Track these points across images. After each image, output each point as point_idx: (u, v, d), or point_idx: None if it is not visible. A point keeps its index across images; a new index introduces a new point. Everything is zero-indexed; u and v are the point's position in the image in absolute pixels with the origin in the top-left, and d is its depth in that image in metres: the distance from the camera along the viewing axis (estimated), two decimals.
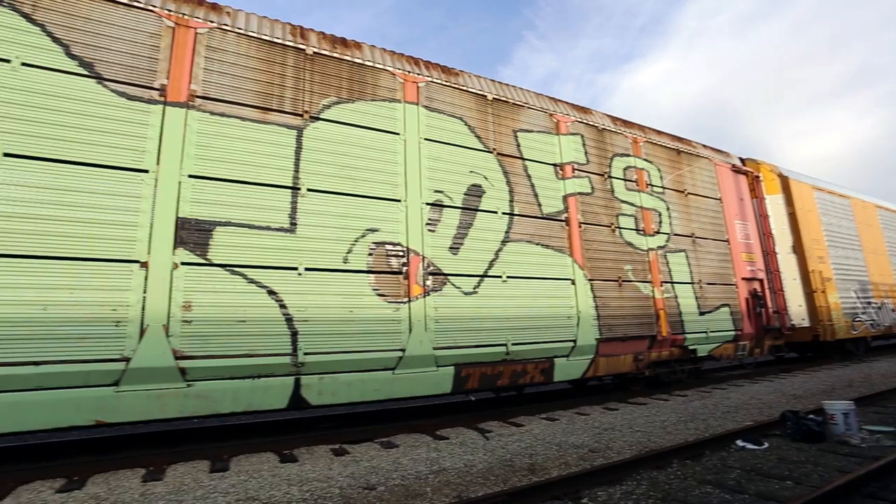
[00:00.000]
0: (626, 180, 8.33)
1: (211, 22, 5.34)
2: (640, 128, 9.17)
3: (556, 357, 6.68)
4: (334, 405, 5.18)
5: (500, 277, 6.42)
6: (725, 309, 8.93)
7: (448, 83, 6.79)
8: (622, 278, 7.63)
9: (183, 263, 4.60)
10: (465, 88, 6.93)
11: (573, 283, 7.07)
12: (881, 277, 13.41)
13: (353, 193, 5.62)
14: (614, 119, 8.83)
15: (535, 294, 6.66)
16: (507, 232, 6.66)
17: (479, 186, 6.61)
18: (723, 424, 5.59)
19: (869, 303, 12.55)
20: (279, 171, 5.26)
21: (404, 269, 5.73)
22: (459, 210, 6.35)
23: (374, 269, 5.54)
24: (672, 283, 8.27)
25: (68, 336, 4.10)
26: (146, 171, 4.64)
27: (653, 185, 8.70)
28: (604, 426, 5.70)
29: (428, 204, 6.11)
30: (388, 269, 5.63)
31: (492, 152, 6.88)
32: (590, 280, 7.24)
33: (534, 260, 6.80)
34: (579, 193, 7.60)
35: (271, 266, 4.98)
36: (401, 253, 5.76)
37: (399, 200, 5.91)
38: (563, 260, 7.09)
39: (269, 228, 5.06)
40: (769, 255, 10.35)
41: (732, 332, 8.88)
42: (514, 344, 6.25)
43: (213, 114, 5.08)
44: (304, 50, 5.79)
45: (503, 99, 7.27)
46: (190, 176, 4.80)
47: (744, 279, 9.55)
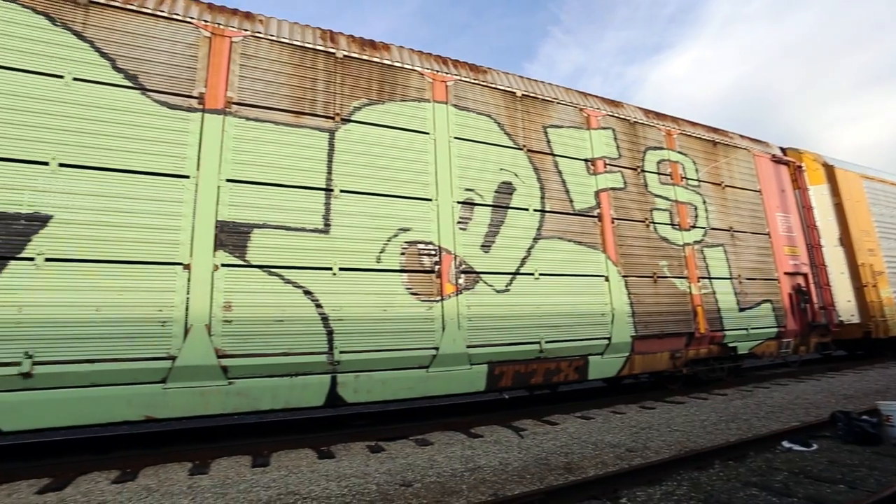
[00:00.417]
0: (659, 174, 8.13)
1: (245, 30, 5.50)
2: (674, 120, 8.93)
3: (591, 355, 6.59)
4: (369, 403, 5.26)
5: (533, 275, 6.37)
6: (767, 305, 8.60)
7: (476, 81, 6.78)
8: (657, 274, 7.45)
9: (223, 265, 4.76)
10: (493, 86, 6.90)
11: (607, 279, 6.95)
12: None
13: (385, 193, 5.69)
14: (646, 112, 8.62)
15: (567, 291, 6.58)
16: (538, 229, 6.61)
17: (510, 184, 6.58)
18: (767, 425, 5.39)
19: None
20: (312, 174, 5.37)
21: (436, 267, 5.76)
22: (490, 208, 6.33)
23: (406, 268, 5.59)
24: (710, 278, 8.03)
25: (119, 336, 4.31)
26: (187, 177, 4.82)
27: (688, 179, 8.45)
28: (641, 425, 5.59)
29: (459, 202, 6.12)
30: (421, 268, 5.67)
31: (522, 149, 6.83)
32: (624, 276, 7.11)
33: (566, 257, 6.71)
34: (611, 189, 7.46)
35: (307, 266, 5.10)
36: (433, 252, 5.80)
37: (430, 199, 5.94)
38: (595, 256, 6.98)
39: (303, 230, 5.18)
40: (814, 248, 9.90)
41: (775, 329, 8.55)
42: (547, 342, 6.20)
43: (248, 119, 5.23)
44: (334, 53, 5.89)
45: (532, 95, 7.21)
46: (228, 180, 4.97)
47: (786, 274, 9.16)
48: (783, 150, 10.86)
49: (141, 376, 4.35)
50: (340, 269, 5.23)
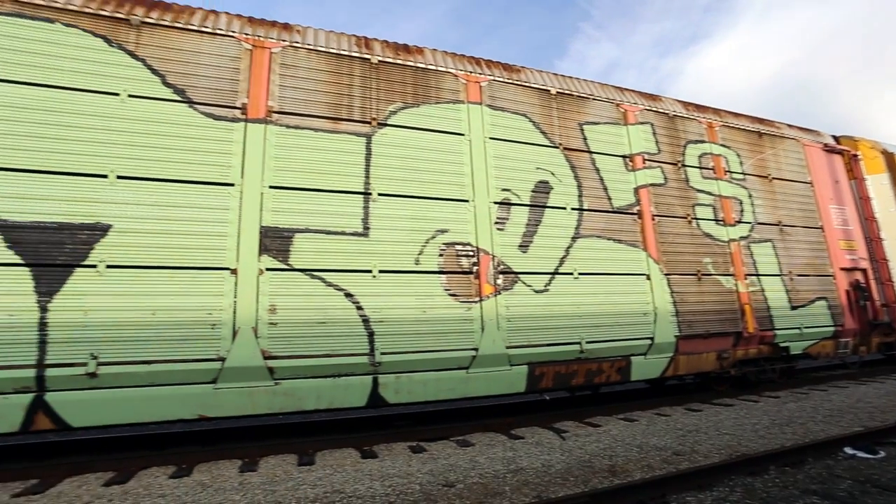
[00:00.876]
0: (701, 168, 7.85)
1: (283, 41, 5.67)
2: (715, 111, 8.60)
3: (633, 355, 6.43)
4: (410, 403, 5.31)
5: (572, 274, 6.28)
6: (822, 302, 8.15)
7: (510, 80, 6.75)
8: (701, 272, 7.20)
9: (267, 269, 4.92)
10: (527, 84, 6.85)
11: (648, 278, 6.77)
12: None
13: (422, 196, 5.74)
14: (686, 104, 8.35)
15: (608, 290, 6.45)
16: (576, 228, 6.51)
17: (547, 183, 6.51)
18: (825, 430, 5.12)
19: None
20: (351, 178, 5.48)
21: (475, 268, 5.76)
22: (527, 207, 6.28)
23: (445, 269, 5.62)
24: (758, 275, 7.69)
25: (173, 338, 4.52)
26: (232, 185, 5.02)
27: (732, 172, 8.13)
28: (687, 428, 5.42)
29: (496, 203, 6.10)
30: (459, 269, 5.69)
31: (558, 147, 6.75)
32: (666, 274, 6.90)
33: (606, 255, 6.58)
34: (651, 185, 7.27)
35: (347, 269, 5.20)
36: (471, 252, 5.81)
37: (467, 200, 5.95)
38: (636, 255, 6.81)
39: (343, 233, 5.29)
40: (874, 241, 9.32)
41: (831, 328, 8.10)
42: (588, 342, 6.10)
43: (288, 127, 5.39)
44: (369, 59, 5.99)
45: (567, 92, 7.10)
46: (270, 187, 5.13)
47: (843, 269, 8.67)
48: (836, 138, 10.28)
49: (194, 377, 4.55)
50: (380, 271, 5.31)
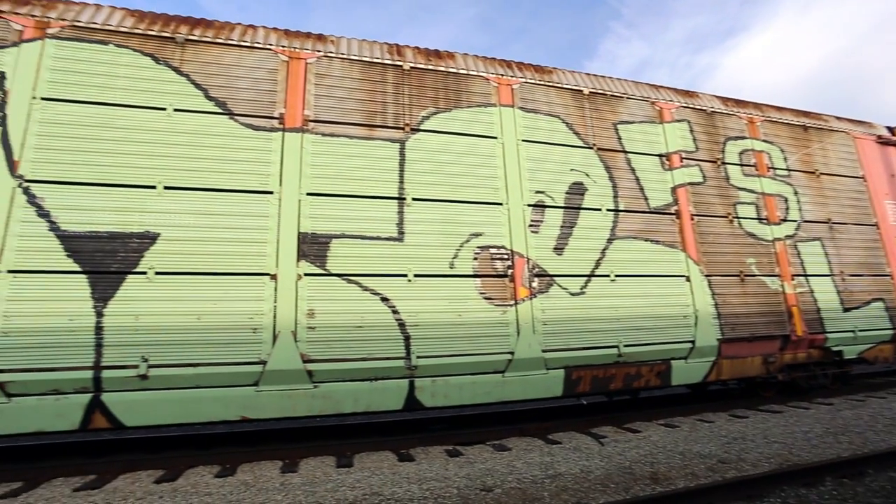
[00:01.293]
0: (742, 165, 7.58)
1: (318, 51, 5.81)
2: (756, 106, 8.29)
3: (673, 359, 6.25)
4: (446, 407, 5.32)
5: (608, 276, 6.16)
6: (879, 304, 7.71)
7: (542, 82, 6.70)
8: (744, 273, 6.94)
9: (305, 274, 5.04)
10: (559, 85, 6.78)
11: (688, 279, 6.57)
12: None
13: (456, 200, 5.76)
14: (724, 100, 8.08)
15: (646, 293, 6.30)
16: (612, 229, 6.39)
17: (581, 184, 6.42)
18: (886, 439, 4.84)
19: None
20: (385, 183, 5.56)
21: (509, 271, 5.74)
22: (562, 209, 6.21)
23: (479, 272, 5.62)
24: (806, 275, 7.34)
25: (217, 342, 4.69)
26: (271, 193, 5.17)
27: (775, 168, 7.81)
28: (732, 435, 5.22)
29: (529, 205, 6.06)
30: (494, 273, 5.67)
31: (592, 148, 6.65)
32: (707, 276, 6.69)
33: (643, 257, 6.43)
34: (689, 184, 7.06)
35: (383, 274, 5.27)
36: (505, 256, 5.78)
37: (501, 204, 5.93)
38: (675, 255, 6.62)
39: (379, 238, 5.37)
40: None
41: (890, 331, 7.64)
42: (626, 345, 5.96)
43: (324, 135, 5.52)
44: (401, 66, 6.07)
45: (600, 92, 7.00)
46: (308, 194, 5.26)
47: None
48: (891, 129, 9.73)
49: (236, 379, 4.70)
50: (415, 275, 5.35)
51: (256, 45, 5.59)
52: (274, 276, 4.95)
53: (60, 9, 5.11)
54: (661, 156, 7.05)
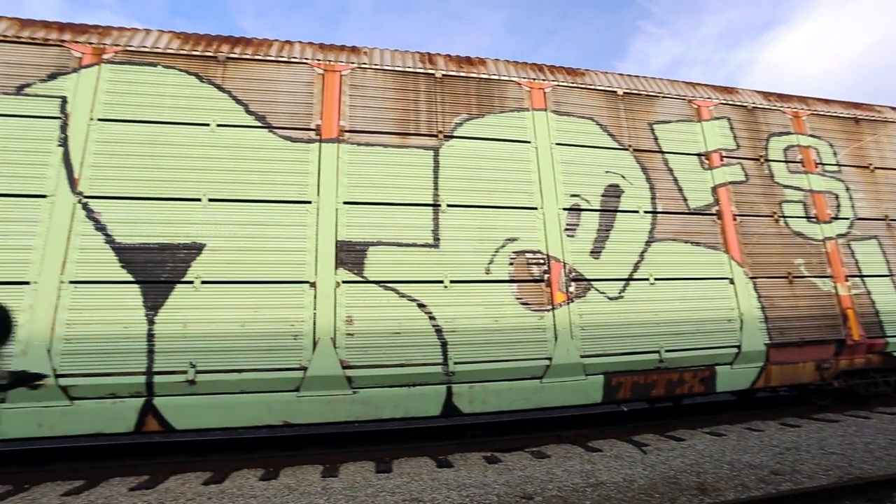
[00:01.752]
0: (787, 162, 7.27)
1: (352, 63, 5.95)
2: (801, 100, 7.95)
3: (718, 365, 6.03)
4: (484, 413, 5.30)
5: (648, 280, 6.02)
6: None
7: (575, 84, 6.64)
8: (793, 274, 6.63)
9: (344, 282, 5.14)
10: (592, 87, 6.71)
11: (731, 281, 6.34)
12: None
13: (491, 205, 5.77)
14: (766, 95, 7.79)
15: (687, 296, 6.11)
16: (650, 231, 6.24)
17: (617, 186, 6.31)
18: None
19: None
20: (420, 191, 5.63)
21: (546, 276, 5.69)
22: (598, 212, 6.13)
23: (515, 278, 5.60)
24: (862, 276, 6.95)
25: (260, 348, 4.83)
26: (309, 202, 5.31)
27: (824, 164, 7.45)
28: (785, 445, 4.98)
29: (565, 209, 6.01)
30: (530, 278, 5.64)
31: (627, 149, 6.54)
32: (752, 278, 6.43)
33: (683, 259, 6.25)
34: (731, 183, 6.83)
35: (419, 280, 5.32)
36: (541, 260, 5.74)
37: (536, 208, 5.91)
38: (717, 257, 6.40)
39: (414, 245, 5.43)
40: None
41: None
42: (667, 350, 5.80)
43: (359, 144, 5.64)
44: (433, 74, 6.15)
45: (635, 92, 6.87)
46: (345, 203, 5.38)
47: None
48: None
49: (279, 385, 4.82)
50: (451, 281, 5.38)
51: (293, 60, 5.77)
52: (313, 284, 5.07)
53: (114, 35, 5.44)
54: (699, 155, 6.86)
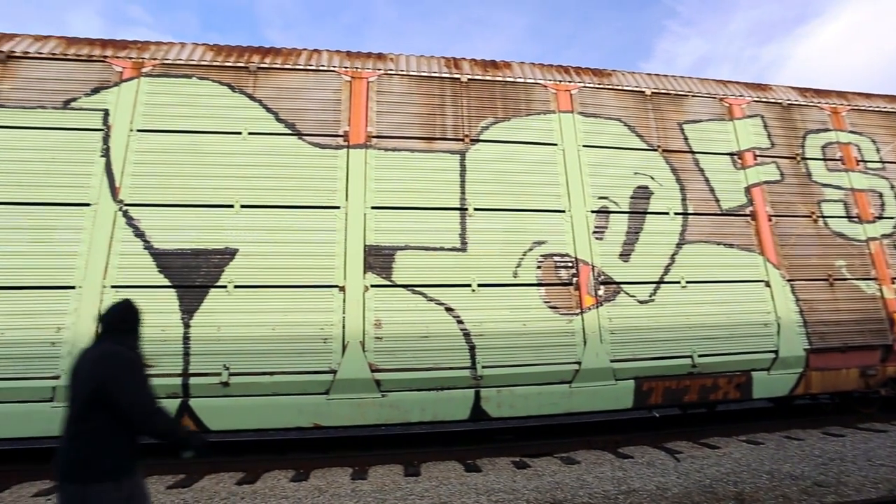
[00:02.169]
0: (826, 160, 7.01)
1: (378, 70, 6.03)
2: (840, 95, 7.66)
3: (754, 370, 5.84)
4: (513, 417, 5.27)
5: (679, 283, 5.88)
6: None
7: (601, 85, 6.57)
8: (833, 276, 6.38)
9: (372, 286, 5.20)
10: (619, 88, 6.63)
11: (767, 284, 6.14)
12: None
13: (518, 208, 5.75)
14: (802, 90, 7.53)
15: (720, 299, 5.95)
16: (681, 233, 6.11)
17: (646, 187, 6.21)
18: None
19: None
20: (447, 195, 5.66)
21: (574, 279, 5.63)
22: (627, 215, 6.04)
23: (543, 281, 5.56)
24: None
25: (291, 351, 4.92)
26: (338, 207, 5.40)
27: (866, 161, 7.15)
28: (828, 455, 4.78)
29: (593, 211, 5.95)
30: (558, 281, 5.59)
31: (656, 150, 6.42)
32: (789, 280, 6.22)
33: (716, 262, 6.09)
34: (765, 182, 6.63)
35: (447, 284, 5.34)
36: (569, 264, 5.68)
37: (563, 211, 5.86)
38: (752, 259, 6.22)
39: (442, 249, 5.45)
40: None
41: None
42: (700, 355, 5.65)
43: (386, 150, 5.71)
44: (458, 78, 6.18)
45: (663, 91, 6.75)
46: (372, 207, 5.45)
47: None
48: None
49: (309, 388, 4.90)
50: (479, 285, 5.38)
51: (321, 68, 5.89)
52: (342, 288, 5.14)
53: (152, 49, 5.66)
54: (732, 154, 6.68)
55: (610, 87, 6.60)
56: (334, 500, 3.98)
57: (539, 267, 5.60)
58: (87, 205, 5.03)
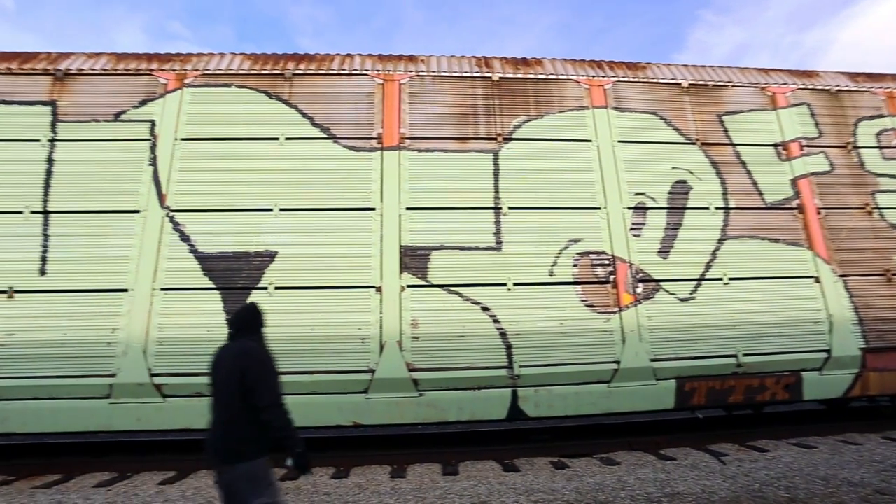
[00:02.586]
0: (881, 148, 6.63)
1: (410, 72, 6.09)
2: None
3: (805, 370, 5.58)
4: (549, 417, 5.22)
5: (721, 280, 5.69)
6: None
7: (636, 79, 6.42)
8: (891, 271, 6.04)
9: (408, 286, 5.26)
10: (654, 81, 6.46)
11: (817, 280, 5.86)
12: None
13: (553, 206, 5.70)
14: (853, 76, 7.15)
15: (766, 296, 5.71)
16: (723, 228, 5.91)
17: (685, 182, 6.03)
18: None
19: None
20: (481, 194, 5.66)
21: (611, 277, 5.53)
22: (665, 210, 5.89)
23: (580, 279, 5.49)
24: None
25: (330, 351, 5.03)
26: (373, 209, 5.48)
27: None
28: (890, 461, 4.52)
29: (630, 208, 5.83)
30: (595, 279, 5.51)
31: (695, 143, 6.23)
32: (841, 276, 5.91)
33: (761, 257, 5.86)
34: (813, 173, 6.33)
35: (482, 283, 5.34)
36: (606, 261, 5.59)
37: (599, 208, 5.77)
38: (799, 254, 5.95)
39: (477, 248, 5.46)
40: None
41: None
42: (745, 354, 5.45)
43: (419, 151, 5.76)
44: (490, 77, 6.17)
45: (701, 83, 6.54)
46: (407, 208, 5.51)
47: None
48: None
49: (348, 387, 5.00)
50: (514, 284, 5.36)
51: (354, 72, 5.99)
52: (379, 289, 5.22)
53: (194, 61, 5.90)
54: (776, 145, 6.41)
55: (645, 80, 6.44)
56: (374, 498, 4.05)
57: (575, 265, 5.53)
58: (137, 211, 5.29)
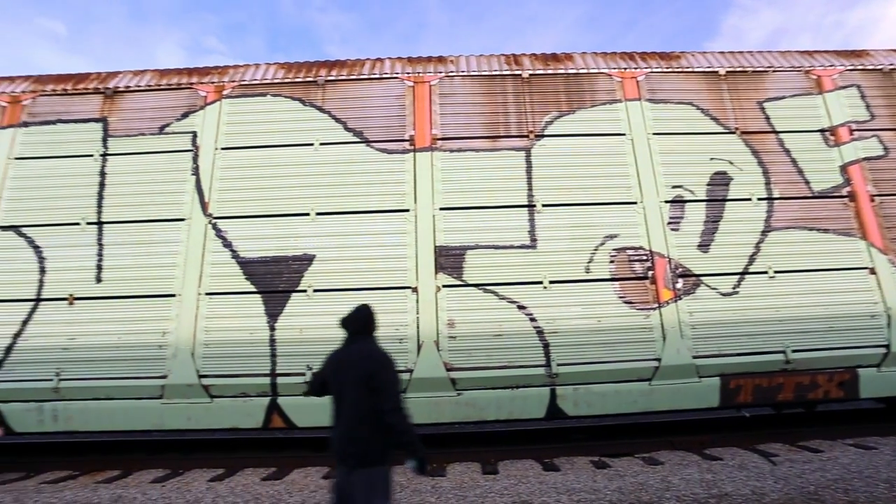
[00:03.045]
0: None
1: (440, 72, 6.13)
2: None
3: (861, 367, 5.32)
4: (588, 416, 5.16)
5: (766, 273, 5.48)
6: None
7: (669, 69, 6.26)
8: None
9: (444, 286, 5.30)
10: (689, 70, 6.28)
11: (872, 271, 5.57)
12: None
13: (587, 202, 5.63)
14: None
15: (816, 290, 5.47)
16: (767, 220, 5.68)
17: (725, 173, 5.84)
18: None
19: None
20: (514, 192, 5.65)
21: (650, 273, 5.41)
22: (704, 203, 5.72)
23: (617, 276, 5.40)
24: None
25: None
26: (408, 210, 5.55)
27: None
28: None
29: (667, 202, 5.69)
30: (633, 275, 5.41)
31: (734, 132, 6.02)
32: None
33: (809, 249, 5.60)
34: (865, 159, 6.01)
35: (518, 282, 5.32)
36: (644, 257, 5.48)
37: (635, 202, 5.66)
38: (851, 245, 5.66)
39: (511, 247, 5.45)
40: None
41: None
42: (794, 350, 5.23)
43: (451, 151, 5.79)
44: (520, 74, 6.14)
45: (739, 70, 6.32)
46: (441, 209, 5.55)
47: None
48: None
49: None
50: (550, 281, 5.32)
51: (384, 76, 6.09)
52: (415, 289, 5.27)
53: (231, 72, 6.12)
54: (823, 131, 6.12)
55: (679, 69, 6.27)
56: (416, 497, 4.09)
57: (612, 261, 5.44)
58: (182, 220, 5.52)
